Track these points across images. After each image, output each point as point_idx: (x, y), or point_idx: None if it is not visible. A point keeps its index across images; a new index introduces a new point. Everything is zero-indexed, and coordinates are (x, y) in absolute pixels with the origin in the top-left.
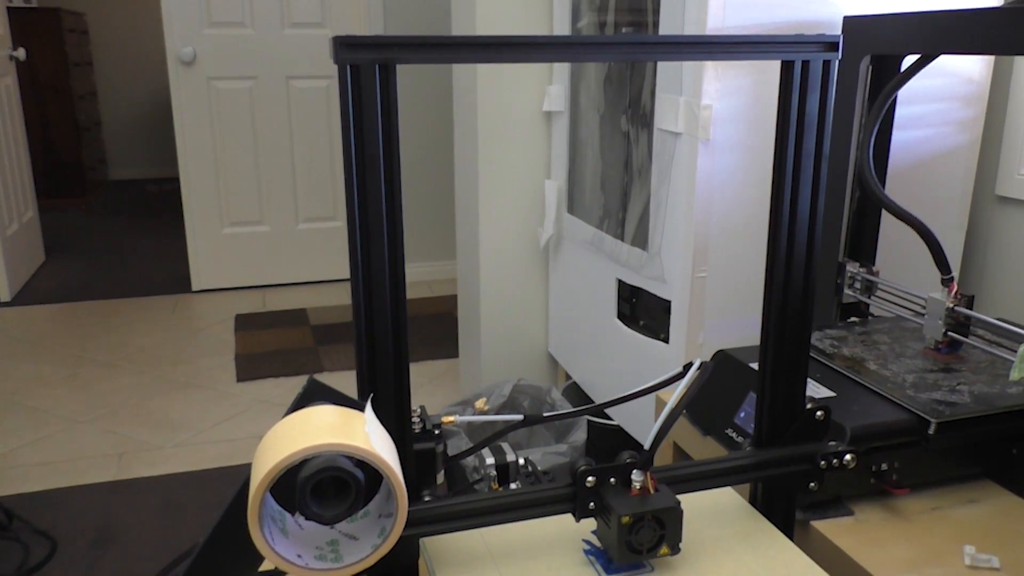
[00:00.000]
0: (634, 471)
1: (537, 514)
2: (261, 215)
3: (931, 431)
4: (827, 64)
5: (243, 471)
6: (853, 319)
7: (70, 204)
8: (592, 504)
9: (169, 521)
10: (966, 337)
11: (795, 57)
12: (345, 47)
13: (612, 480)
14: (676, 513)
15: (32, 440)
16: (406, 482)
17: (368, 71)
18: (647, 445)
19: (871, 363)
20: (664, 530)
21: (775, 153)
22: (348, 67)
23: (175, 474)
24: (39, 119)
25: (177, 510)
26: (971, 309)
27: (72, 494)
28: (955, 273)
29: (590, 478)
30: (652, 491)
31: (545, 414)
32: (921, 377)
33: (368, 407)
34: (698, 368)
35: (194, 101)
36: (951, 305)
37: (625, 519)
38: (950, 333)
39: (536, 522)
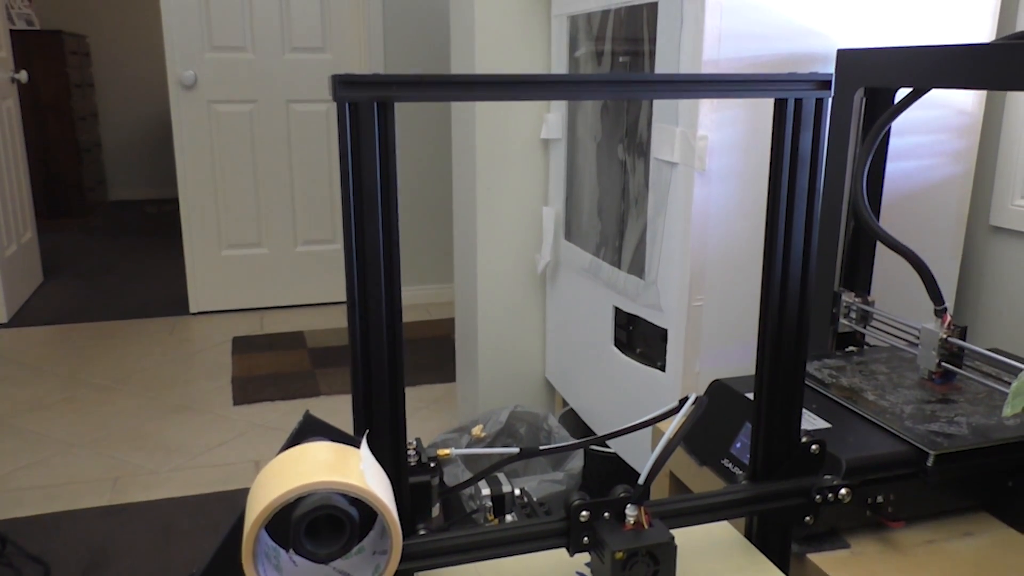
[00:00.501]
0: (628, 505)
1: (531, 548)
2: (260, 237)
3: (930, 463)
4: (820, 102)
5: (239, 496)
6: (851, 348)
7: (69, 224)
8: (586, 538)
9: (163, 547)
10: (960, 368)
11: (788, 95)
12: (344, 85)
13: (606, 514)
14: (670, 548)
15: (27, 464)
16: (401, 517)
17: (366, 108)
18: (641, 480)
19: (869, 393)
20: (658, 565)
21: (769, 189)
22: (347, 105)
23: (170, 499)
24: (40, 140)
25: (172, 535)
26: (964, 339)
27: (66, 519)
28: (950, 303)
29: (584, 512)
30: (646, 526)
31: (541, 446)
32: (919, 408)
33: (363, 443)
34: (693, 403)
35: (194, 124)
36: (944, 336)
37: (619, 554)
38: (944, 364)
39: (530, 555)
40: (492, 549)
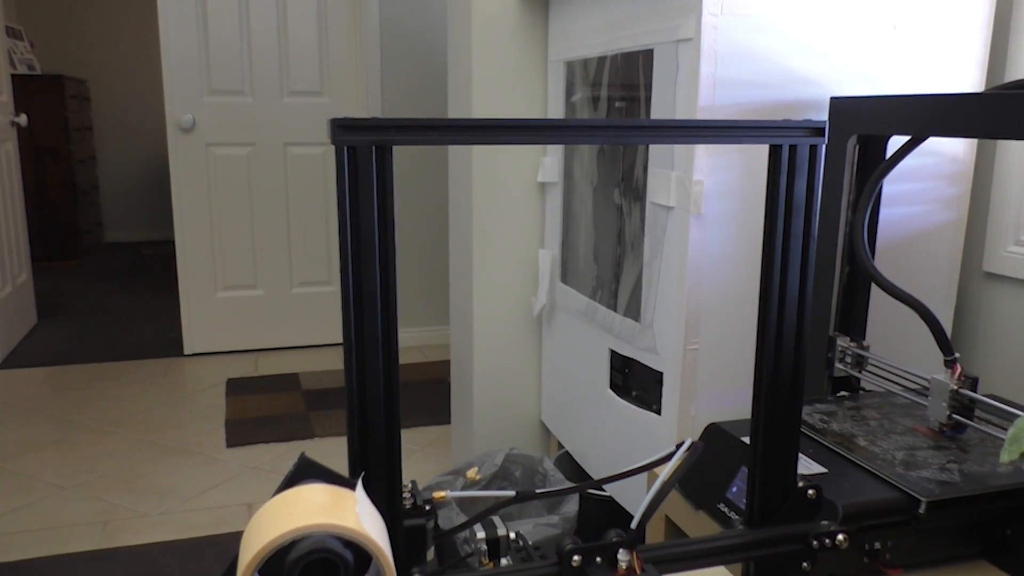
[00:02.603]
0: (620, 550)
1: None
2: (256, 279)
3: (921, 510)
4: (814, 148)
5: (230, 540)
6: (844, 393)
7: (65, 266)
8: None
9: None
10: (971, 419)
11: (782, 141)
12: (342, 129)
13: (598, 559)
14: None
15: (16, 507)
16: (395, 560)
17: (364, 152)
18: (634, 525)
19: (861, 439)
20: None
21: (764, 234)
22: (345, 148)
23: (161, 543)
24: (37, 182)
25: None
26: (975, 391)
27: (54, 564)
28: None
29: (576, 557)
30: (638, 571)
31: (537, 490)
32: (911, 454)
33: (359, 485)
34: (687, 448)
35: (192, 166)
36: (955, 387)
37: None
38: (955, 416)
39: None
40: None
